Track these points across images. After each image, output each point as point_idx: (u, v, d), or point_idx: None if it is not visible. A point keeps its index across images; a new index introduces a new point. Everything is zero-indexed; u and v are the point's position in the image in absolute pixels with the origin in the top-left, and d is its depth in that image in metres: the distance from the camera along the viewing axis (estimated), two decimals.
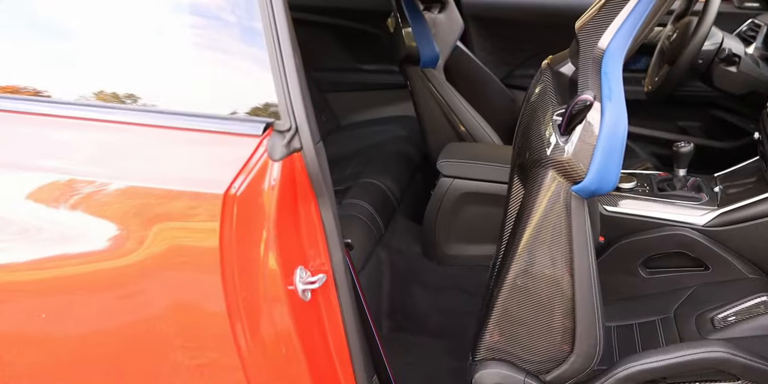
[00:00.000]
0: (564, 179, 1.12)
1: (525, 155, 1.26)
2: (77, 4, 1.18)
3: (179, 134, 1.07)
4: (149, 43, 1.12)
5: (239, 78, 1.10)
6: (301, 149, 1.06)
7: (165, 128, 1.08)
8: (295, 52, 1.04)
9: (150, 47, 1.12)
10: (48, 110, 1.13)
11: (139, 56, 1.12)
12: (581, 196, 1.12)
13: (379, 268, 1.89)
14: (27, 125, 1.14)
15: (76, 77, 1.16)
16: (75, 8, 1.17)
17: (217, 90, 1.10)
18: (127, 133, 1.09)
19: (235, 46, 1.10)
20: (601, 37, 1.11)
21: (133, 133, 1.09)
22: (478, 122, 2.03)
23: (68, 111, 1.12)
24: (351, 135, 2.67)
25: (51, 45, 1.17)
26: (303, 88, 1.05)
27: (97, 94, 1.14)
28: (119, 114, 1.10)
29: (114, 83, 1.12)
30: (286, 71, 1.03)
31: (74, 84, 1.16)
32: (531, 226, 1.19)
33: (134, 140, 1.09)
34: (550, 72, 1.25)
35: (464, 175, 1.78)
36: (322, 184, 1.08)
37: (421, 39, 2.00)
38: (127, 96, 1.12)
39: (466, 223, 1.85)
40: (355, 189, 2.03)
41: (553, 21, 2.42)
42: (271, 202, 1.04)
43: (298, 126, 1.04)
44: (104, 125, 1.10)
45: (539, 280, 1.20)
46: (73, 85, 1.16)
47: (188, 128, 1.07)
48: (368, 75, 2.74)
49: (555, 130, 1.12)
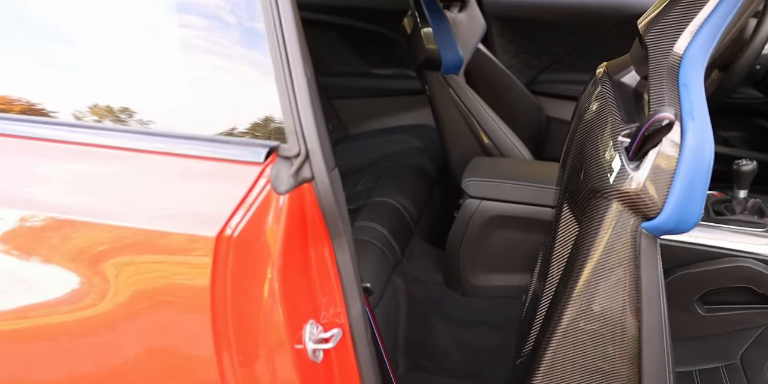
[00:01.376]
0: (632, 214, 0.93)
1: (579, 180, 1.07)
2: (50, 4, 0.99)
3: (163, 160, 0.88)
4: (127, 49, 0.93)
5: (237, 92, 0.92)
6: (313, 179, 0.87)
7: (146, 153, 0.89)
8: (306, 61, 0.86)
9: (128, 53, 0.93)
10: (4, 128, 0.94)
11: (115, 65, 0.93)
12: (654, 235, 0.93)
13: (395, 298, 1.70)
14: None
15: (40, 88, 0.97)
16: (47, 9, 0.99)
17: (210, 107, 0.91)
18: (100, 158, 0.91)
19: (233, 52, 0.91)
20: (678, 40, 0.93)
21: (106, 158, 0.90)
22: (505, 134, 1.84)
23: (29, 128, 0.94)
24: (361, 145, 2.49)
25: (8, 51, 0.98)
26: (315, 104, 0.86)
27: (64, 108, 0.95)
28: (90, 134, 0.91)
29: (83, 96, 0.93)
30: (295, 84, 0.85)
31: (37, 96, 0.97)
32: (589, 265, 1.01)
33: (108, 168, 0.91)
34: (610, 82, 1.06)
35: (493, 195, 1.59)
36: (337, 220, 0.90)
37: (443, 41, 1.81)
38: (100, 112, 0.93)
39: (495, 250, 1.66)
40: (367, 209, 1.84)
41: (583, 21, 2.24)
42: (275, 245, 0.86)
43: (309, 151, 0.86)
44: (71, 148, 0.91)
45: (600, 324, 1.02)
46: (36, 97, 0.97)
47: (174, 153, 0.88)
48: (379, 80, 2.56)
49: (621, 154, 0.93)
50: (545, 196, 1.56)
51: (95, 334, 0.90)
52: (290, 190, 0.86)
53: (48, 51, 0.96)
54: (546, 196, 1.56)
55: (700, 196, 0.88)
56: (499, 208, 1.60)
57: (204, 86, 0.91)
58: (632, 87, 1.05)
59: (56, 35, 0.97)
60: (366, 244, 1.66)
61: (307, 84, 0.86)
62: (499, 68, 2.24)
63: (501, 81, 2.25)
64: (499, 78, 2.25)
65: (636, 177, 0.91)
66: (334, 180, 0.89)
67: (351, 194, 2.06)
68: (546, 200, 1.56)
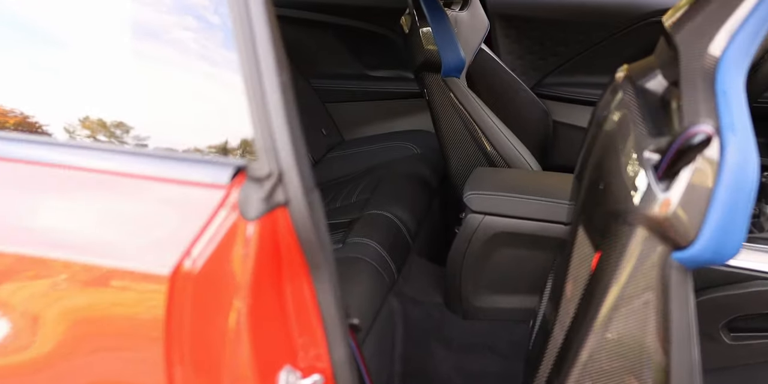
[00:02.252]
0: (661, 242, 0.81)
1: (597, 200, 0.95)
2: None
3: (108, 181, 0.76)
4: (69, 55, 0.81)
5: (199, 101, 0.79)
6: (287, 203, 0.75)
7: (85, 171, 0.77)
8: (281, 65, 0.74)
9: (71, 59, 0.81)
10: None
11: (51, 66, 0.80)
12: (686, 267, 0.81)
13: (390, 320, 1.57)
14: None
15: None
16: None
17: (166, 118, 0.79)
18: (33, 176, 0.78)
19: (195, 54, 0.79)
20: (713, 40, 0.80)
21: (41, 176, 0.78)
22: (510, 141, 1.72)
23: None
24: (356, 152, 2.37)
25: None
26: (291, 116, 0.74)
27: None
28: (24, 147, 0.79)
29: (18, 102, 0.81)
30: (267, 92, 0.73)
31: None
32: (610, 298, 0.89)
33: (42, 187, 0.78)
34: (632, 89, 0.94)
35: (498, 210, 1.47)
36: (317, 251, 0.77)
37: (443, 42, 1.69)
38: (35, 123, 0.81)
39: (499, 269, 1.53)
40: (361, 223, 1.72)
41: (594, 20, 2.12)
42: (243, 280, 0.74)
43: (283, 171, 0.74)
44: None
45: (623, 361, 0.91)
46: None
47: (121, 173, 0.76)
48: (376, 83, 2.44)
49: (648, 173, 0.81)
50: (555, 211, 1.44)
51: (33, 375, 0.78)
52: (261, 217, 0.74)
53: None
54: (556, 211, 1.44)
55: (741, 223, 0.76)
56: (504, 224, 1.48)
57: (159, 94, 0.78)
58: (659, 94, 0.93)
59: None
60: (359, 262, 1.54)
61: (281, 92, 0.74)
62: (503, 70, 2.12)
63: (505, 84, 2.14)
64: (503, 81, 2.13)
65: (665, 200, 0.79)
66: (313, 204, 0.77)
67: (345, 206, 1.94)
68: (556, 216, 1.44)
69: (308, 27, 2.38)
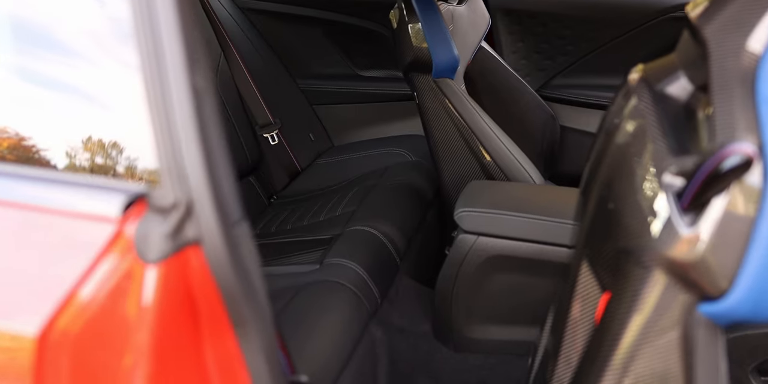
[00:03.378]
0: (684, 290, 0.64)
1: (605, 230, 0.79)
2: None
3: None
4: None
5: (91, 110, 0.64)
6: (201, 241, 0.59)
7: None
8: (194, 66, 0.58)
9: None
10: None
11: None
12: (716, 324, 0.64)
13: (372, 353, 1.41)
14: None
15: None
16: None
17: (45, 130, 0.63)
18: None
19: (86, 51, 0.63)
20: (752, 33, 0.64)
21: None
22: (510, 151, 1.55)
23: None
24: (346, 159, 2.22)
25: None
26: (206, 128, 0.58)
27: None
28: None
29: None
30: (171, 96, 0.57)
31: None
32: (621, 352, 0.73)
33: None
34: (649, 94, 0.77)
35: (493, 231, 1.30)
36: (241, 301, 0.61)
37: (434, 40, 1.53)
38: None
39: (494, 297, 1.37)
40: (342, 240, 1.56)
41: (606, 15, 1.95)
42: (141, 340, 0.58)
43: (192, 199, 0.58)
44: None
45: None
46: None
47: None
48: (369, 83, 2.29)
49: (670, 201, 0.64)
50: (557, 232, 1.27)
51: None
52: (164, 258, 0.58)
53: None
54: (558, 232, 1.27)
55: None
56: (499, 246, 1.31)
57: (39, 100, 0.63)
58: (682, 101, 0.76)
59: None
60: (335, 287, 1.38)
61: (192, 99, 0.58)
62: (505, 71, 1.96)
63: (508, 86, 1.97)
64: (505, 82, 1.97)
65: (691, 237, 0.62)
66: (237, 240, 0.61)
67: (329, 219, 1.78)
68: (558, 237, 1.28)
69: (294, 23, 2.23)
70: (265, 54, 2.23)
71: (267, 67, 2.22)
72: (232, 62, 2.06)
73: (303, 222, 1.83)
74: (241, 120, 2.07)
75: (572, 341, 0.95)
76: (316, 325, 1.29)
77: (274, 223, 1.90)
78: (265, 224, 1.92)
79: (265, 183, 2.15)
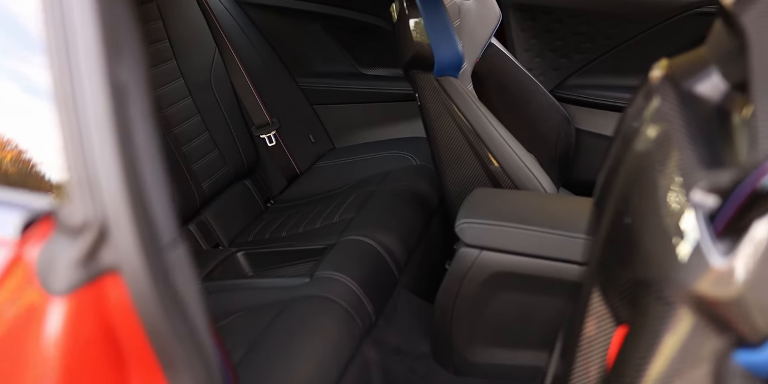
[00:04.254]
0: (716, 334, 0.53)
1: (619, 254, 0.68)
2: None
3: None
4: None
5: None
6: (120, 269, 0.49)
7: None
8: (115, 54, 0.48)
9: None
10: None
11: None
12: (756, 376, 0.53)
13: (364, 376, 1.30)
14: None
15: None
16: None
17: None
18: None
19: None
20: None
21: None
22: (519, 156, 1.44)
23: None
24: (347, 162, 2.12)
25: None
26: (126, 132, 0.48)
27: None
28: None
29: None
30: (83, 92, 0.47)
31: None
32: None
33: None
34: (675, 93, 0.66)
35: (497, 244, 1.19)
36: (171, 341, 0.51)
37: (437, 35, 1.42)
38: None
39: (499, 317, 1.25)
40: (336, 251, 1.46)
41: (626, 10, 1.83)
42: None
43: (107, 218, 0.48)
44: None
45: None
46: None
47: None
48: (374, 82, 2.19)
49: (700, 223, 0.53)
50: (569, 247, 1.16)
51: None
52: (75, 290, 0.48)
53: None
54: (570, 248, 1.16)
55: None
56: (504, 262, 1.20)
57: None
58: (714, 101, 0.64)
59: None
60: (325, 303, 1.28)
61: (111, 96, 0.48)
62: (517, 70, 1.86)
63: (520, 85, 1.87)
64: (517, 82, 1.86)
65: (726, 269, 0.51)
66: (168, 268, 0.51)
67: (325, 227, 1.68)
68: (570, 253, 1.16)
69: (294, 18, 2.13)
70: (263, 50, 2.14)
71: (265, 64, 2.13)
72: (228, 59, 1.96)
73: (298, 229, 1.73)
74: (237, 120, 1.97)
75: (585, 369, 0.84)
76: (302, 345, 1.19)
77: (269, 230, 1.81)
78: (259, 230, 1.83)
79: (262, 187, 2.06)
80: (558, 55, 2.01)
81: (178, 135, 1.75)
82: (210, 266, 1.53)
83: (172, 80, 1.77)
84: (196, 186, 1.76)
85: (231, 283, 1.46)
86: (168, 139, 1.70)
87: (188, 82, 1.81)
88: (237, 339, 1.23)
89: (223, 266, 1.55)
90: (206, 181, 1.81)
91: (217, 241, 1.78)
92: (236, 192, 1.93)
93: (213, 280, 1.48)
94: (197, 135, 1.81)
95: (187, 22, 1.87)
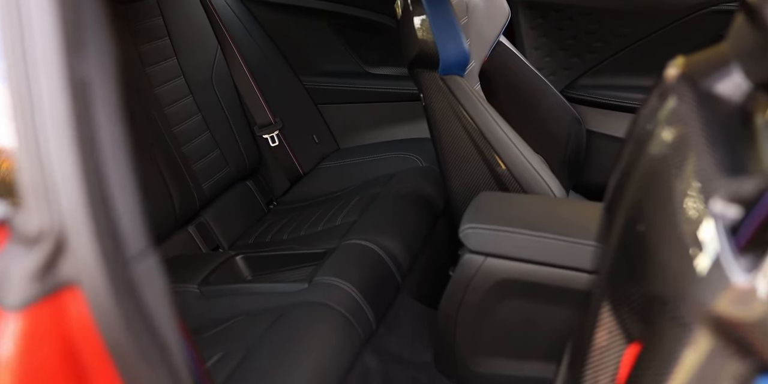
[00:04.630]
0: (738, 358, 0.48)
1: (632, 263, 0.63)
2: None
3: None
4: None
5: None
6: (79, 283, 0.45)
7: None
8: (79, 46, 0.44)
9: None
10: None
11: None
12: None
13: None
14: None
15: None
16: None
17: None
18: None
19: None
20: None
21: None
22: (527, 159, 1.39)
23: None
24: (352, 163, 2.08)
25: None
26: (88, 131, 0.44)
27: None
28: None
29: None
30: (40, 86, 0.44)
31: None
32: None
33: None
34: (692, 94, 0.61)
35: (503, 251, 1.15)
36: (136, 361, 0.47)
37: (441, 32, 1.37)
38: None
39: (504, 327, 1.21)
40: (337, 256, 1.42)
41: (639, 8, 1.78)
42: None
43: (65, 226, 0.44)
44: None
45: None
46: None
47: None
48: (379, 81, 2.15)
49: (721, 236, 0.49)
50: (578, 254, 1.11)
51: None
52: (30, 304, 0.44)
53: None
54: (580, 255, 1.11)
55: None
56: (510, 269, 1.15)
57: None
58: (735, 102, 0.60)
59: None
60: (324, 310, 1.24)
61: (71, 94, 0.44)
62: (526, 69, 1.81)
63: (529, 85, 1.82)
64: (526, 81, 1.81)
65: (748, 289, 0.46)
66: (135, 282, 0.47)
67: (327, 230, 1.63)
68: (579, 261, 1.11)
69: (298, 15, 2.09)
70: (266, 48, 2.10)
71: (268, 63, 2.09)
72: (230, 56, 1.93)
73: (300, 232, 1.70)
74: (239, 119, 1.94)
75: (594, 381, 0.79)
76: (298, 354, 1.15)
77: (270, 232, 1.77)
78: (261, 233, 1.79)
79: (264, 188, 2.02)
80: (569, 54, 1.96)
81: (178, 134, 1.71)
82: (208, 269, 1.49)
83: (172, 78, 1.74)
84: (196, 187, 1.72)
85: (229, 288, 1.43)
86: (168, 139, 1.67)
87: (189, 81, 1.77)
88: (234, 344, 1.19)
89: (221, 270, 1.51)
90: (207, 181, 1.77)
91: (217, 243, 1.75)
92: (237, 193, 1.90)
93: (210, 284, 1.44)
94: (198, 134, 1.78)
95: (188, 18, 1.83)
